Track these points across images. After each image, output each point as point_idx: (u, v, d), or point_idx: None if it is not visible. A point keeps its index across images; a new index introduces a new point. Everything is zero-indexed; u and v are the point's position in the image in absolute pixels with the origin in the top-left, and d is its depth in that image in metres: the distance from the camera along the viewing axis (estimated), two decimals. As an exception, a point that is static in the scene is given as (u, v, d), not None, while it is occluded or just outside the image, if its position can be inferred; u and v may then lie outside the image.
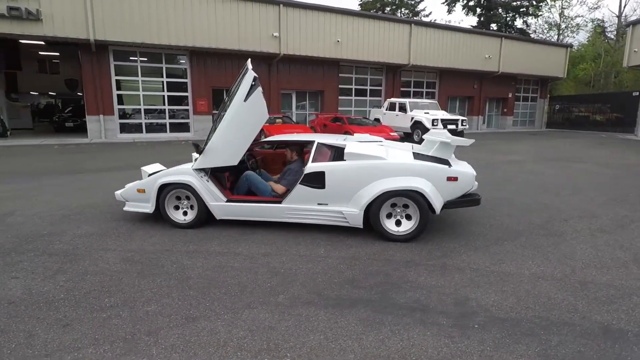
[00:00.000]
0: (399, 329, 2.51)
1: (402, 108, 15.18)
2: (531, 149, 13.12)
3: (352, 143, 4.36)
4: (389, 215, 4.13)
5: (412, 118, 14.41)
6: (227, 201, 4.44)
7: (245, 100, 4.14)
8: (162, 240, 4.13)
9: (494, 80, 23.41)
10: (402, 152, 4.27)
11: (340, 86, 19.35)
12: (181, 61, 16.14)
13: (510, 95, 24.79)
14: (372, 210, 4.05)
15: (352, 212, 4.11)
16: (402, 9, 38.70)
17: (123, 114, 15.62)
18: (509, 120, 25.20)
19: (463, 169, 4.04)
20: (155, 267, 3.46)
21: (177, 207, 4.60)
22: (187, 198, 4.53)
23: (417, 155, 4.24)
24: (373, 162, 4.08)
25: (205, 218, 4.50)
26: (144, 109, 15.90)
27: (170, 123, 16.51)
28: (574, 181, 7.35)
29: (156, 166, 5.02)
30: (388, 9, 38.27)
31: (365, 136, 5.38)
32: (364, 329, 2.51)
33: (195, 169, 4.42)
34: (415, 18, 35.58)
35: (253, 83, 4.12)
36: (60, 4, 12.63)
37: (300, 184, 4.22)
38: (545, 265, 3.51)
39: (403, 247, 3.94)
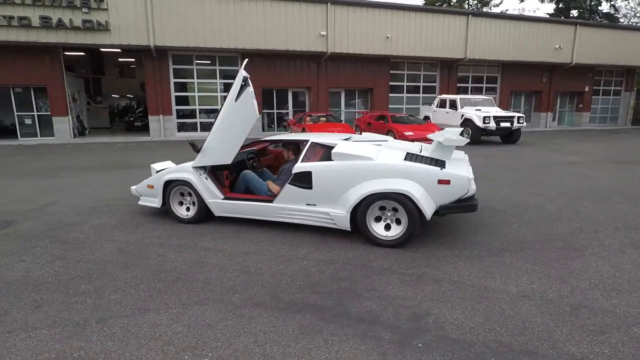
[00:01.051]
0: (334, 339, 2.39)
1: (453, 105, 14.35)
2: (600, 150, 11.64)
3: (343, 142, 4.22)
4: (378, 219, 3.94)
5: (462, 115, 13.55)
6: (224, 199, 4.56)
7: (236, 100, 4.22)
8: (161, 234, 4.36)
9: (567, 72, 21.12)
10: (394, 153, 4.03)
11: (390, 83, 18.85)
12: (234, 63, 16.87)
13: (586, 88, 22.20)
14: (358, 213, 3.90)
15: (339, 214, 3.99)
16: (470, 0, 36.51)
17: (181, 114, 16.76)
18: (584, 117, 22.59)
19: (457, 171, 3.70)
20: (140, 259, 3.67)
21: (181, 203, 4.83)
22: (190, 194, 4.74)
23: (410, 156, 3.97)
24: (360, 163, 3.91)
25: (205, 214, 4.67)
26: (199, 109, 16.91)
27: (223, 122, 17.35)
28: (631, 188, 6.38)
29: (166, 163, 5.31)
30: (454, 1, 36.35)
31: (372, 135, 5.20)
32: (298, 336, 2.42)
33: (194, 167, 4.60)
34: (474, 9, 33.32)
35: (243, 83, 4.18)
36: (125, 16, 13.90)
37: (289, 183, 4.20)
38: (540, 282, 3.09)
39: (387, 252, 3.73)
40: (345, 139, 4.86)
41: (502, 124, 12.82)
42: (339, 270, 3.37)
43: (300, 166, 4.14)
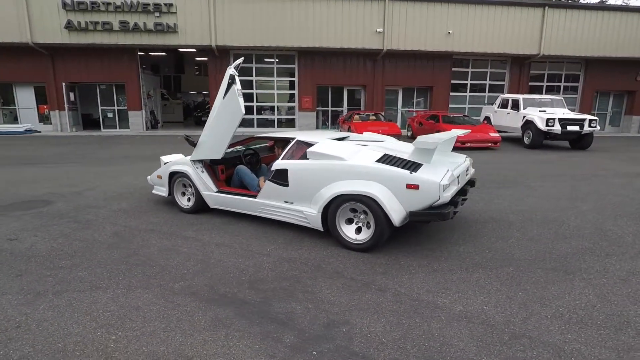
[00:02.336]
0: (235, 336, 2.41)
1: (515, 105, 13.13)
2: (693, 161, 9.81)
3: (323, 142, 4.15)
4: (350, 221, 3.84)
5: (524, 117, 12.34)
6: (217, 192, 4.78)
7: (223, 97, 4.39)
8: (159, 221, 4.72)
9: (672, 69, 18.06)
10: (371, 154, 3.86)
11: (452, 81, 17.85)
12: (291, 61, 17.32)
13: (698, 88, 18.75)
14: (329, 214, 3.83)
15: (312, 214, 3.95)
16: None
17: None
18: (694, 122, 19.14)
19: (428, 176, 3.43)
20: (125, 242, 4.02)
21: (183, 194, 5.17)
22: (190, 186, 5.05)
23: (386, 158, 3.77)
24: (332, 163, 3.83)
25: (202, 205, 4.94)
26: (256, 106, 17.68)
27: (278, 119, 17.97)
28: (700, 207, 5.32)
29: (175, 156, 5.69)
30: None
31: (372, 135, 5.04)
32: (205, 328, 2.49)
33: (192, 160, 4.89)
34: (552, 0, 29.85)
35: (230, 81, 4.32)
36: (190, 18, 15.06)
37: (268, 180, 4.26)
38: (496, 305, 2.77)
39: (351, 256, 3.61)
40: (339, 139, 4.79)
41: (570, 128, 11.42)
42: (290, 269, 3.36)
43: (278, 163, 4.18)
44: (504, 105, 13.87)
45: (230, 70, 4.33)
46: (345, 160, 3.78)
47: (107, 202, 5.61)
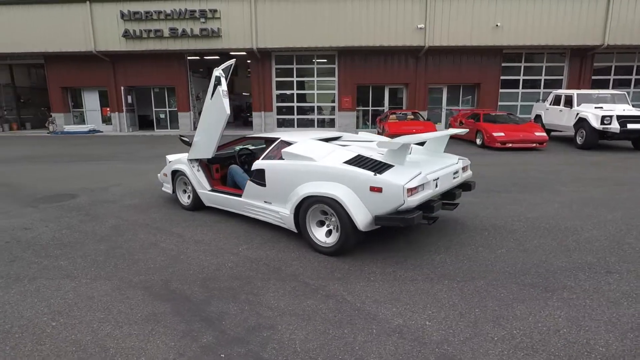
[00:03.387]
0: (159, 331, 2.46)
1: (568, 101, 11.91)
2: None
3: (302, 142, 4.07)
4: (322, 223, 3.74)
5: (577, 114, 11.15)
6: (210, 190, 4.92)
7: (211, 98, 4.49)
8: (157, 217, 4.97)
9: None
10: (341, 155, 3.71)
11: (502, 77, 16.68)
12: (331, 61, 17.31)
13: None
14: (299, 215, 3.76)
15: (285, 214, 3.92)
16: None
17: (280, 111, 18.04)
18: None
19: (392, 178, 3.22)
20: (116, 236, 4.29)
21: (184, 191, 5.38)
22: (189, 184, 5.24)
23: (356, 159, 3.60)
24: (303, 163, 3.76)
25: (200, 203, 5.11)
26: (296, 107, 17.91)
27: (317, 119, 18.05)
28: None
29: (179, 155, 5.93)
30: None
31: (367, 135, 4.87)
32: (135, 322, 2.57)
33: (189, 159, 5.07)
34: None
35: (215, 82, 4.41)
36: (233, 22, 15.65)
37: (249, 180, 4.29)
38: (441, 321, 2.53)
39: (317, 260, 3.52)
40: (331, 138, 4.70)
41: (631, 126, 10.11)
42: (249, 270, 3.35)
43: (257, 163, 4.19)
44: (556, 102, 12.66)
45: (217, 72, 4.43)
46: (315, 161, 3.69)
47: (123, 197, 6.02)
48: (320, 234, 3.70)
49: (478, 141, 11.73)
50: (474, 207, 5.17)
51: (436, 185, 3.54)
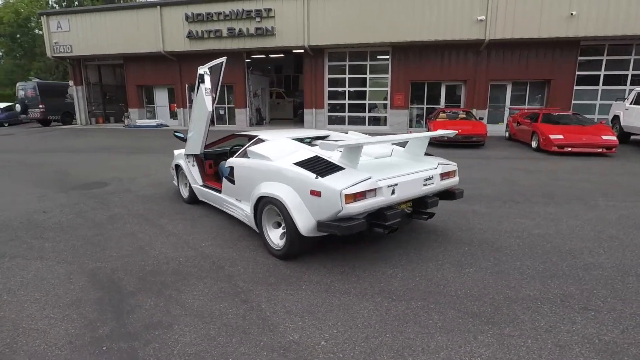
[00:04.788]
0: (66, 316, 2.60)
1: (652, 101, 10.11)
2: None
3: (275, 140, 4.00)
4: (278, 224, 3.64)
5: (660, 116, 9.42)
6: (201, 185, 5.08)
7: (196, 95, 4.62)
8: (155, 209, 5.26)
9: None
10: (299, 155, 3.55)
11: (578, 73, 14.72)
12: (384, 57, 16.79)
13: None
14: (257, 215, 3.71)
15: (248, 213, 3.89)
16: None
17: (331, 108, 17.98)
18: None
19: (331, 182, 3.00)
20: (107, 224, 4.63)
21: (186, 185, 5.63)
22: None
23: (310, 160, 3.41)
24: (260, 162, 3.71)
25: (196, 197, 5.30)
26: (348, 104, 17.71)
27: (369, 117, 17.67)
28: None
29: (182, 150, 6.18)
30: None
31: (356, 135, 4.63)
32: (50, 305, 2.75)
33: (185, 155, 5.28)
34: None
35: (199, 80, 4.51)
36: (287, 21, 15.92)
37: (224, 177, 4.33)
38: (337, 344, 2.31)
39: (265, 262, 3.45)
40: (316, 138, 4.56)
41: None
42: (193, 266, 3.40)
43: (229, 161, 4.22)
44: (638, 100, 10.85)
45: (201, 70, 4.54)
46: (271, 161, 3.60)
47: (143, 188, 6.48)
48: (275, 236, 3.61)
49: (533, 144, 10.52)
50: (476, 217, 4.65)
51: (392, 192, 3.23)
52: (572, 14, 13.29)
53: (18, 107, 20.37)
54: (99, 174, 7.74)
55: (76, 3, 33.69)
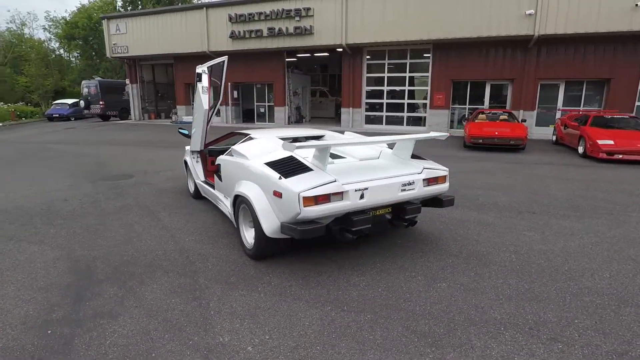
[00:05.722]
0: (17, 297, 2.77)
1: None
2: None
3: (260, 139, 3.99)
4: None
5: None
6: (202, 181, 5.21)
7: (196, 94, 4.73)
8: (163, 202, 5.49)
9: None
10: (276, 154, 3.49)
11: (645, 71, 13.17)
12: (425, 55, 16.19)
13: None
14: (235, 213, 3.73)
15: (229, 210, 3.92)
16: None
17: (369, 107, 17.69)
18: None
19: (292, 184, 2.91)
20: (114, 214, 4.91)
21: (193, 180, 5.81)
22: (196, 173, 5.64)
23: (283, 160, 3.34)
24: (239, 161, 3.73)
25: (200, 192, 5.46)
26: (386, 103, 17.31)
27: (407, 117, 17.14)
28: None
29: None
30: None
31: (352, 135, 4.50)
32: (24, 286, 2.94)
33: (190, 151, 5.44)
34: None
35: (197, 79, 4.61)
36: (325, 19, 15.89)
37: (215, 174, 4.40)
38: (260, 351, 2.25)
39: (238, 260, 3.48)
40: (310, 137, 4.50)
41: None
42: (166, 260, 3.49)
43: (218, 158, 4.28)
44: None
45: (199, 70, 4.65)
46: (248, 160, 3.60)
47: (162, 181, 6.80)
48: (250, 235, 3.60)
49: (580, 149, 9.59)
50: (477, 227, 4.32)
51: (361, 197, 3.08)
52: (637, 5, 11.91)
53: (82, 103, 22.31)
54: (131, 166, 8.24)
55: (140, 7, 36.16)
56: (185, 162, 5.84)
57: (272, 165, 3.29)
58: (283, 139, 4.19)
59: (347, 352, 2.22)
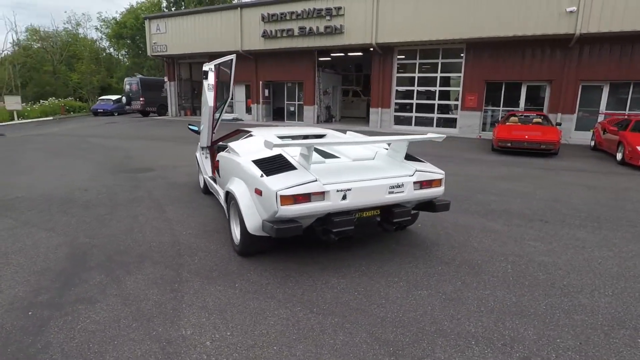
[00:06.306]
0: (22, 280, 2.95)
1: None
2: None
3: (257, 136, 4.03)
4: (244, 221, 3.67)
5: None
6: (209, 177, 5.33)
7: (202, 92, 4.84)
8: (175, 195, 5.67)
9: None
10: (265, 153, 3.50)
11: (703, 73, 12.01)
12: (458, 55, 15.66)
13: None
14: (228, 209, 3.78)
15: (224, 206, 3.99)
16: None
17: (398, 108, 17.37)
18: None
19: (271, 182, 2.90)
20: (125, 205, 5.13)
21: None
22: (206, 169, 5.78)
23: (271, 158, 3.34)
24: (232, 158, 3.78)
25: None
26: (416, 104, 16.92)
27: (437, 118, 16.67)
28: None
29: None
30: None
31: (354, 135, 4.44)
32: (23, 268, 3.14)
33: (200, 147, 5.58)
34: None
35: (204, 77, 4.72)
36: (356, 19, 15.76)
37: (216, 169, 4.48)
38: (218, 347, 2.27)
39: (226, 255, 3.54)
40: (311, 136, 4.50)
41: None
42: (158, 253, 3.60)
43: (218, 154, 4.35)
44: None
45: (205, 67, 4.75)
46: (239, 157, 3.64)
47: (178, 176, 7.03)
48: (238, 231, 3.63)
49: (618, 156, 8.91)
50: (479, 235, 4.12)
51: (344, 197, 3.03)
52: (695, 2, 10.87)
53: (124, 99, 23.52)
54: (155, 160, 8.59)
55: (183, 7, 37.59)
56: (196, 158, 6.01)
57: (258, 163, 3.31)
58: (281, 137, 4.22)
59: (303, 354, 2.19)
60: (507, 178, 7.11)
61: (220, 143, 5.48)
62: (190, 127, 5.99)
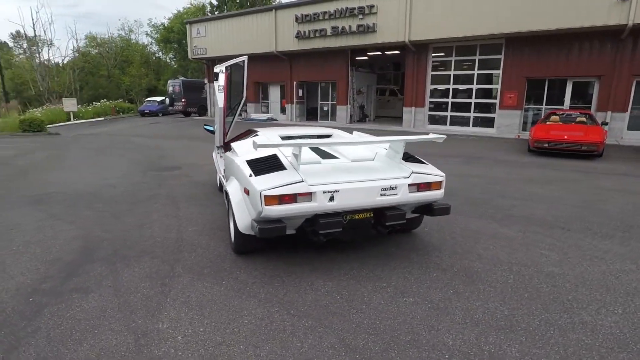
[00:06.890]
0: (32, 269, 3.19)
1: None
2: None
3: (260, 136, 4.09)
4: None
5: None
6: (222, 175, 5.47)
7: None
8: (190, 193, 5.89)
9: None
10: (261, 152, 3.53)
11: None
12: (496, 51, 14.92)
13: None
14: (228, 207, 3.87)
15: (226, 205, 4.08)
16: None
17: (433, 107, 16.86)
18: None
19: (258, 182, 2.92)
20: (144, 202, 5.40)
21: (220, 174, 6.13)
22: (222, 168, 5.94)
23: (266, 158, 3.35)
24: (232, 158, 3.86)
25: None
26: (452, 103, 16.34)
27: (474, 117, 15.99)
28: None
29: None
30: None
31: (361, 135, 4.39)
32: (36, 257, 3.39)
33: (215, 146, 5.74)
34: None
35: (215, 78, 4.83)
36: (389, 17, 15.49)
37: (223, 168, 4.59)
38: (186, 342, 2.32)
39: (222, 253, 3.62)
40: (315, 136, 4.49)
41: None
42: (160, 247, 3.75)
43: (224, 154, 4.45)
44: None
45: (216, 69, 4.87)
46: (237, 156, 3.70)
47: (200, 174, 7.28)
48: (233, 230, 3.71)
49: (671, 160, 8.09)
50: (488, 241, 3.91)
51: (331, 199, 2.99)
52: None
53: (167, 100, 24.72)
54: (184, 159, 8.96)
55: (225, 10, 38.86)
56: (213, 157, 6.19)
57: (251, 163, 3.35)
58: (284, 137, 4.25)
59: (267, 355, 2.19)
60: (536, 181, 6.68)
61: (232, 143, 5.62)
62: (205, 127, 6.18)
